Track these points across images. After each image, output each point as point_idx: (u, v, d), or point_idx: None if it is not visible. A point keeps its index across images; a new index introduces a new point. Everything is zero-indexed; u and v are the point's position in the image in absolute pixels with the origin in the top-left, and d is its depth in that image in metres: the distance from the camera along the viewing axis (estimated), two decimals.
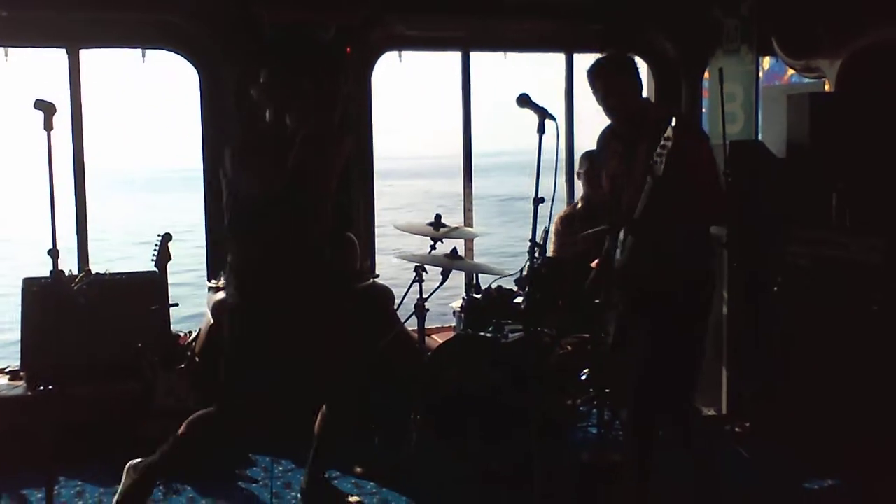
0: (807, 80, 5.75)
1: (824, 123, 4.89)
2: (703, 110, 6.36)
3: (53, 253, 3.54)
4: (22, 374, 4.83)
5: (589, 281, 4.08)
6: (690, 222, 3.57)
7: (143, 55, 5.64)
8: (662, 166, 3.33)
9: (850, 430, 4.20)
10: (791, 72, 5.80)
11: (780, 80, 6.78)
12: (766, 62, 6.15)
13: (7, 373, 4.94)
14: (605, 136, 3.87)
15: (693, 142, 3.52)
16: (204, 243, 5.52)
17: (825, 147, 4.85)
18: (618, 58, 3.72)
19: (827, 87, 5.51)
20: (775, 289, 4.61)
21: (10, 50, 5.34)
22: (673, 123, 3.31)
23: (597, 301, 4.41)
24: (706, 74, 6.25)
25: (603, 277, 3.97)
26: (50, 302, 4.45)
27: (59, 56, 5.36)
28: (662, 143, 3.31)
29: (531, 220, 3.66)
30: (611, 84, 3.62)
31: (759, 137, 5.53)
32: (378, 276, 5.33)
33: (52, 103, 3.36)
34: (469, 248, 5.97)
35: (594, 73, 3.66)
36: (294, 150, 3.48)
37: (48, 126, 3.38)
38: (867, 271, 4.17)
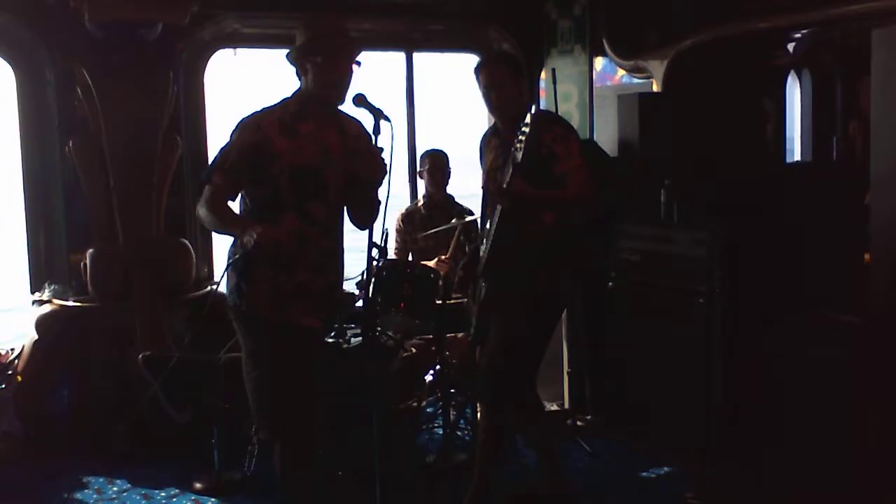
0: (636, 81, 5.96)
1: (652, 122, 5.08)
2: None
3: None
4: None
5: (458, 277, 4.17)
6: (554, 212, 3.64)
7: None
8: (521, 153, 3.38)
9: (680, 416, 4.40)
10: (622, 72, 6.00)
11: (611, 81, 7.00)
12: (599, 62, 6.34)
13: None
14: (486, 136, 3.92)
15: (555, 131, 3.60)
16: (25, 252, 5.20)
17: (653, 145, 5.04)
18: (499, 55, 3.76)
19: (655, 87, 5.73)
20: (610, 284, 4.76)
21: None
22: (531, 111, 3.37)
23: (439, 301, 4.45)
24: (542, 74, 6.39)
25: (470, 270, 4.01)
26: None
27: None
28: (521, 129, 3.37)
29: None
30: (494, 79, 3.65)
31: (594, 137, 5.69)
32: (218, 283, 5.15)
33: None
34: None
35: (479, 68, 3.70)
36: None
37: None
38: (693, 265, 4.36)
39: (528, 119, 3.39)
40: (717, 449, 4.23)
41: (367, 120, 3.55)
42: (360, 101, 3.61)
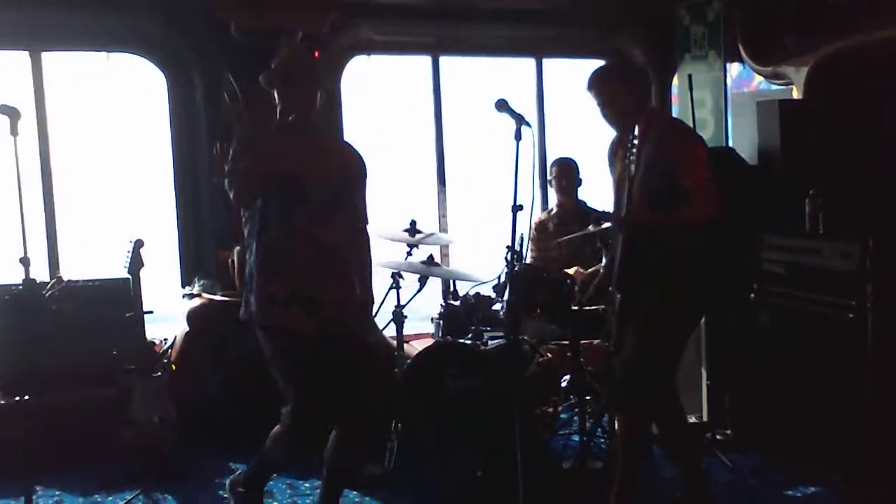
0: (775, 87, 5.84)
1: (794, 130, 4.96)
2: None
3: (25, 261, 3.47)
4: None
5: (593, 286, 4.20)
6: (676, 226, 3.60)
7: (108, 57, 5.53)
8: (633, 167, 3.35)
9: (829, 436, 4.26)
10: (759, 78, 5.89)
11: (748, 87, 6.87)
12: (735, 68, 6.24)
13: None
14: (613, 146, 3.88)
15: (674, 144, 3.56)
16: (176, 249, 5.45)
17: (796, 153, 4.92)
18: (612, 67, 3.75)
19: (795, 94, 5.60)
20: (752, 296, 4.66)
21: None
22: (638, 125, 3.36)
23: (575, 308, 4.45)
24: (675, 80, 6.33)
25: (606, 280, 4.02)
26: (21, 310, 4.34)
27: (21, 59, 5.25)
28: (632, 143, 3.34)
29: (510, 228, 3.68)
30: (606, 94, 3.63)
31: (730, 144, 5.60)
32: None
33: (16, 108, 3.29)
34: (444, 254, 5.96)
35: (590, 85, 3.68)
36: None
37: (13, 132, 3.32)
38: (841, 278, 4.23)
39: (636, 132, 3.34)
40: (863, 470, 4.09)
41: (508, 125, 3.61)
42: (502, 106, 3.67)
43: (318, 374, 3.40)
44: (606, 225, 4.94)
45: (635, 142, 3.35)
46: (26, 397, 3.58)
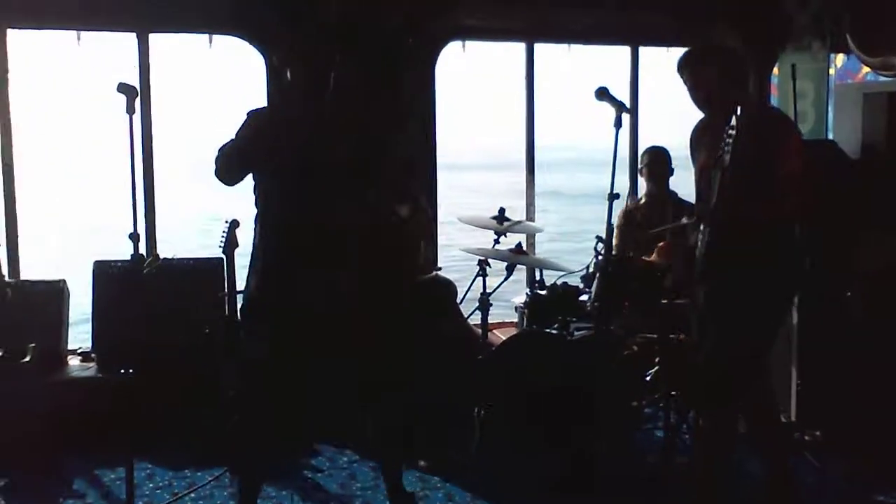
0: (882, 79, 5.61)
1: None
2: None
3: (134, 237, 3.56)
4: (93, 356, 4.90)
5: (674, 280, 4.09)
6: (768, 217, 3.50)
7: (210, 41, 5.66)
8: (728, 156, 3.27)
9: None
10: (866, 69, 5.67)
11: (853, 79, 6.63)
12: (840, 59, 6.03)
13: (79, 354, 5.02)
14: (697, 131, 3.78)
15: (769, 133, 3.46)
16: None
17: None
18: (704, 49, 3.65)
19: None
20: (848, 294, 4.52)
21: (83, 34, 5.40)
22: (738, 112, 3.25)
23: (664, 301, 4.39)
24: (775, 70, 6.15)
25: (687, 273, 3.92)
26: (124, 285, 4.50)
27: (128, 40, 5.41)
28: (728, 132, 3.25)
29: (605, 216, 3.64)
30: (697, 76, 3.55)
31: (831, 136, 5.42)
32: (441, 268, 5.32)
33: (134, 87, 3.37)
34: (530, 242, 5.93)
35: (681, 66, 3.61)
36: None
37: (130, 110, 3.39)
38: None
39: (733, 121, 3.24)
40: None
41: (606, 117, 3.57)
42: (603, 94, 3.63)
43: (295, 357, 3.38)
44: None
45: (731, 131, 3.25)
46: (130, 371, 3.67)
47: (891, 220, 4.50)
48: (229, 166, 3.37)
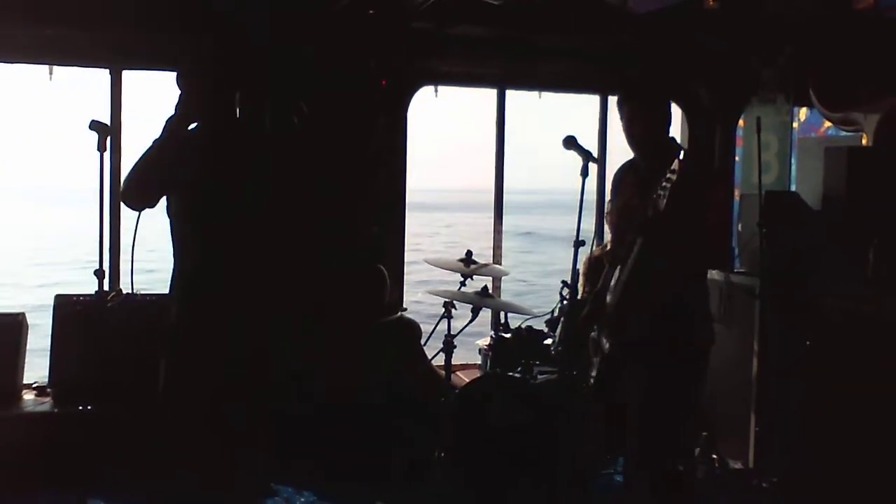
0: (843, 134, 5.75)
1: (862, 177, 4.88)
2: (737, 158, 6.36)
3: (99, 273, 3.56)
4: (49, 390, 4.83)
5: (581, 318, 3.94)
6: (691, 264, 3.53)
7: None
8: (664, 200, 3.27)
9: (878, 491, 4.14)
10: (828, 124, 5.80)
11: (816, 132, 6.78)
12: (803, 113, 6.16)
13: (34, 388, 4.94)
14: (623, 171, 3.80)
15: (705, 180, 3.50)
16: None
17: (862, 201, 4.83)
18: (649, 88, 3.66)
19: (864, 142, 5.50)
20: (807, 343, 4.57)
21: (56, 69, 5.42)
22: (680, 157, 3.26)
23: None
24: (740, 122, 6.26)
25: (594, 317, 3.85)
26: (85, 320, 4.46)
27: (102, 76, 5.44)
28: (668, 176, 3.26)
29: (570, 263, 3.66)
30: (639, 112, 3.56)
31: (793, 188, 5.52)
32: (406, 309, 5.32)
33: (106, 124, 3.39)
34: (496, 285, 5.95)
35: (623, 99, 3.62)
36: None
37: (102, 147, 3.41)
38: None
39: (675, 166, 3.22)
40: None
41: (576, 162, 3.61)
42: (570, 143, 3.67)
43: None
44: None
45: (671, 175, 3.23)
46: (88, 407, 3.64)
47: (851, 271, 4.57)
48: (129, 192, 3.21)
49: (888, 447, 4.11)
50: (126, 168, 3.27)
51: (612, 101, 6.39)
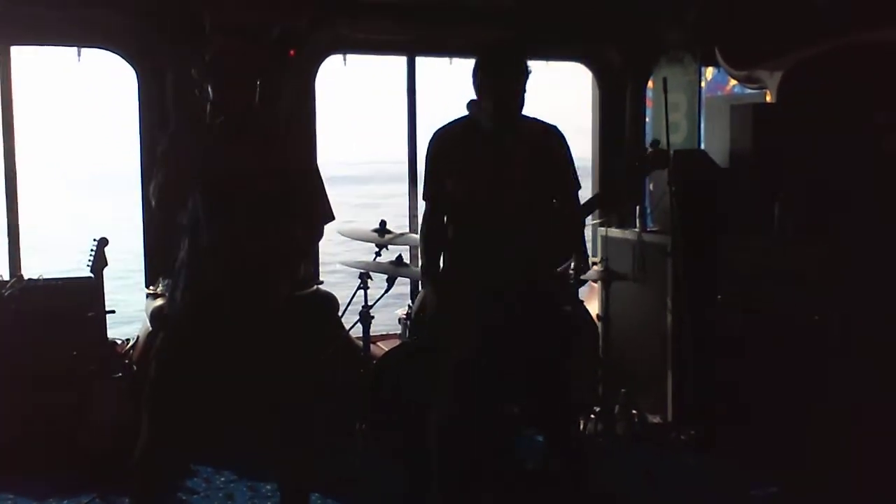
0: (748, 91, 5.84)
1: (767, 133, 4.97)
2: (647, 119, 6.42)
3: None
4: None
5: None
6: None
7: (79, 54, 5.47)
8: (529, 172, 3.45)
9: (790, 437, 4.26)
10: (733, 82, 5.88)
11: (722, 91, 6.87)
12: (709, 72, 6.24)
13: None
14: (450, 136, 3.58)
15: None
16: (141, 248, 5.36)
17: (767, 157, 4.92)
18: (523, 55, 3.50)
19: (768, 98, 5.59)
20: (718, 297, 4.65)
21: None
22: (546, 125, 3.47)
23: None
24: (650, 83, 6.32)
25: None
26: None
27: None
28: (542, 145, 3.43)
29: None
30: (521, 82, 3.40)
31: (702, 147, 5.60)
32: (322, 282, 5.25)
33: None
34: (414, 254, 5.91)
35: (513, 63, 3.41)
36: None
37: None
38: (808, 281, 4.23)
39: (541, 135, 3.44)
40: (823, 470, 4.09)
41: None
42: (475, 106, 3.61)
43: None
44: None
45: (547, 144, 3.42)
46: None
47: (758, 226, 4.66)
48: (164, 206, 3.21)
49: (799, 396, 4.22)
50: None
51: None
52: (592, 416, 4.68)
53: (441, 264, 3.64)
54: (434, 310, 3.58)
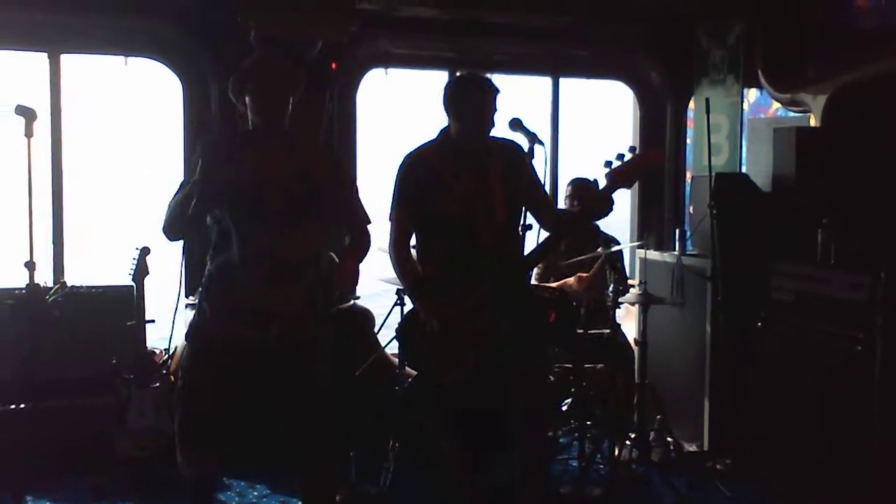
0: (792, 114, 5.78)
1: (810, 158, 4.91)
2: (688, 140, 6.38)
3: (30, 265, 3.47)
4: None
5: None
6: None
7: (125, 61, 5.55)
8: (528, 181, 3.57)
9: (830, 469, 4.19)
10: (777, 105, 5.83)
11: (765, 113, 6.82)
12: (752, 94, 6.19)
13: None
14: (425, 157, 3.64)
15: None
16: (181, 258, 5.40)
17: (811, 182, 4.86)
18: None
19: (812, 122, 5.54)
20: (759, 324, 4.60)
21: None
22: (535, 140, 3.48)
23: (581, 330, 4.41)
24: (691, 104, 6.28)
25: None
26: (23, 315, 4.32)
27: (39, 61, 5.27)
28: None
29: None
30: (491, 98, 3.56)
31: (743, 169, 5.54)
32: (359, 297, 5.26)
33: (32, 109, 3.28)
34: None
35: (490, 88, 3.57)
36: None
37: (28, 133, 3.31)
38: (851, 309, 4.16)
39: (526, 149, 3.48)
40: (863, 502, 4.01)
41: (522, 143, 3.59)
42: (516, 125, 3.62)
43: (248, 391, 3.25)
44: (616, 248, 4.94)
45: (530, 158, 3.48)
46: (22, 405, 3.53)
47: (801, 252, 4.60)
48: (174, 224, 3.23)
49: (841, 427, 4.15)
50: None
51: (564, 82, 6.42)
52: (628, 441, 4.63)
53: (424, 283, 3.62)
54: (433, 330, 3.53)
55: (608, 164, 3.51)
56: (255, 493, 4.36)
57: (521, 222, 3.51)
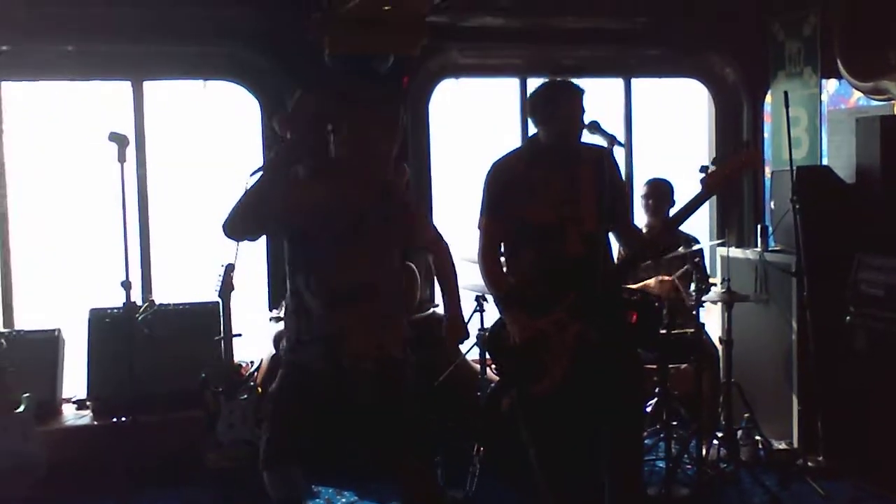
0: (875, 103, 5.61)
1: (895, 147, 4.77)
2: (766, 135, 6.25)
3: (126, 284, 3.59)
4: (88, 403, 4.88)
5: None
6: None
7: (204, 84, 5.71)
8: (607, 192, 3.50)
9: None
10: (858, 94, 5.67)
11: (846, 104, 6.63)
12: (832, 85, 6.03)
13: (73, 402, 5.00)
14: (515, 162, 3.63)
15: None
16: (265, 272, 5.54)
17: None
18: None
19: None
20: (847, 318, 4.47)
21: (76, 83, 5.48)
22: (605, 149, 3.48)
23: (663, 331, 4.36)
24: (768, 98, 6.16)
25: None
26: (118, 332, 4.48)
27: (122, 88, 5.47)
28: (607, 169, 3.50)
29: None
30: (579, 106, 3.52)
31: (825, 162, 5.41)
32: (437, 305, 5.30)
33: (125, 135, 3.41)
34: None
35: (576, 92, 3.54)
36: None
37: (122, 158, 3.44)
38: None
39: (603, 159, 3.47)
40: None
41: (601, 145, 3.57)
42: (594, 127, 3.61)
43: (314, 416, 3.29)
44: (697, 247, 4.88)
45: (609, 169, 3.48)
46: (123, 419, 3.66)
47: (888, 244, 4.47)
48: (234, 225, 3.31)
49: None
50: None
51: (636, 83, 6.38)
52: (715, 441, 4.55)
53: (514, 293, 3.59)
54: (523, 339, 3.50)
55: (703, 169, 3.47)
56: (343, 501, 4.42)
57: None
